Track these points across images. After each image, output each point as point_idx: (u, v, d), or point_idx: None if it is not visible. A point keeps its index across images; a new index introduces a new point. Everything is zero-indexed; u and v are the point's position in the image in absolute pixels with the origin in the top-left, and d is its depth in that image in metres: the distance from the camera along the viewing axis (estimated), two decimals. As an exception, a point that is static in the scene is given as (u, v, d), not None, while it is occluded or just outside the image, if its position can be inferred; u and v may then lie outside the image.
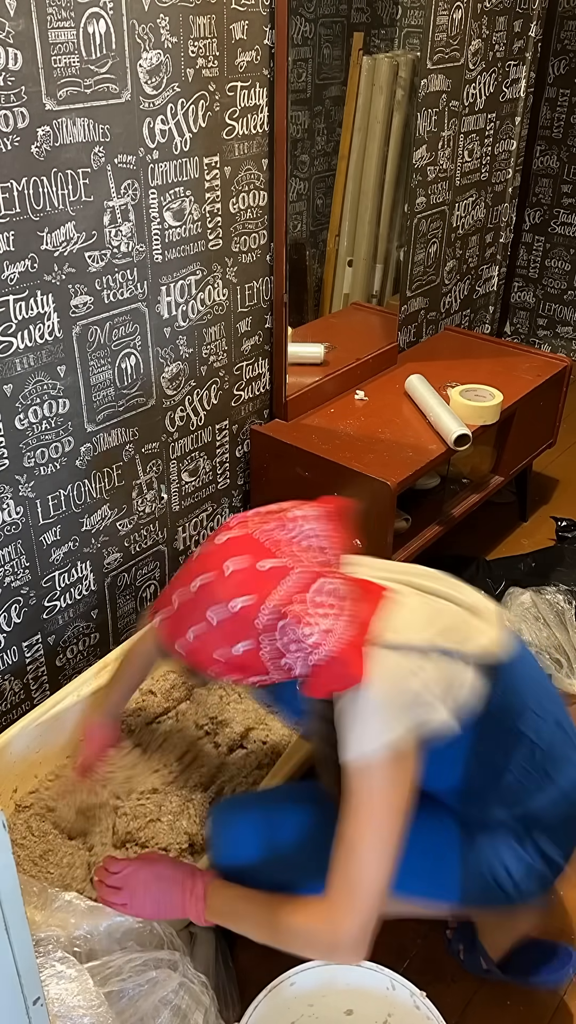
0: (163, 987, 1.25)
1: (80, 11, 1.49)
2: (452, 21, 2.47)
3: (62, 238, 1.59)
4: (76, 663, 1.98)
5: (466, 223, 2.94)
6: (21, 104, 1.45)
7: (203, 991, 1.29)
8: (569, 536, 2.66)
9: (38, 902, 1.32)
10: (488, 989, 1.55)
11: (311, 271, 2.41)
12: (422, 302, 2.87)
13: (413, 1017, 1.29)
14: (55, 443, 1.73)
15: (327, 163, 2.31)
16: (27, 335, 1.60)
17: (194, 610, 1.10)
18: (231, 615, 1.07)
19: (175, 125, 1.74)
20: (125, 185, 1.68)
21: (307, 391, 2.31)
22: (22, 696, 1.89)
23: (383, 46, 2.33)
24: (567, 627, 2.23)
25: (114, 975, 1.25)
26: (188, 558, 1.21)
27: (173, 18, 1.65)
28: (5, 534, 1.71)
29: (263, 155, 1.97)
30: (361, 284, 2.54)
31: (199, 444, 2.11)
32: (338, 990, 1.33)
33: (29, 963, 0.89)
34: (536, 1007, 1.53)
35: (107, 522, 1.93)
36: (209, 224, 1.90)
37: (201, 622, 1.09)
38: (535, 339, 3.69)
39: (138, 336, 1.83)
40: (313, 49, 2.13)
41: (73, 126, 1.54)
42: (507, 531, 2.75)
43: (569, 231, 3.45)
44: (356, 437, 2.20)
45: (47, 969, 1.18)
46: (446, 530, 2.34)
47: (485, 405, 2.28)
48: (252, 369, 2.19)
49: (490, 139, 2.89)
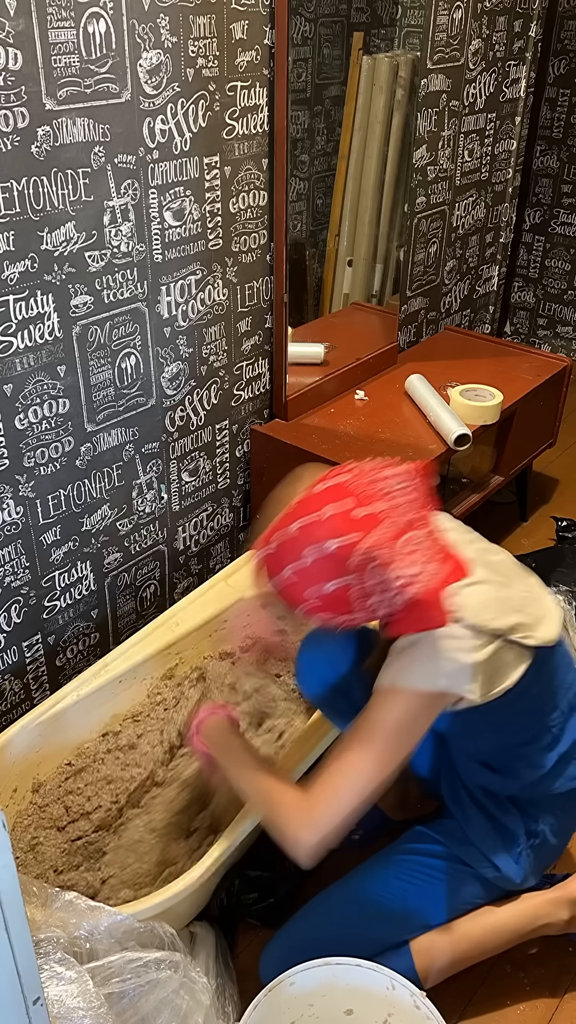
0: (163, 987, 1.25)
1: (80, 11, 1.49)
2: (452, 21, 2.47)
3: (62, 238, 1.59)
4: (76, 663, 1.98)
5: (466, 223, 2.94)
6: (21, 104, 1.45)
7: (203, 991, 1.29)
8: (569, 536, 2.66)
9: (39, 902, 1.32)
10: (488, 989, 1.55)
11: (311, 271, 2.41)
12: (422, 302, 2.87)
13: (413, 1017, 1.29)
14: (55, 443, 1.73)
15: (327, 163, 2.31)
16: (27, 335, 1.60)
17: (292, 549, 1.17)
18: (326, 555, 1.14)
19: (175, 125, 1.74)
20: (125, 185, 1.68)
21: (307, 391, 2.31)
22: (22, 696, 1.89)
23: (383, 46, 2.33)
24: (567, 628, 2.22)
25: (114, 975, 1.25)
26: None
27: (173, 18, 1.65)
28: (5, 534, 1.71)
29: (263, 155, 1.97)
30: (361, 284, 2.54)
31: (199, 444, 2.11)
32: (338, 990, 1.33)
33: (29, 963, 0.89)
34: (536, 1007, 1.53)
35: (107, 522, 1.93)
36: (209, 224, 1.90)
37: (298, 560, 1.17)
38: (535, 339, 3.69)
39: (138, 336, 1.83)
40: (313, 49, 2.13)
41: (73, 126, 1.54)
42: (507, 531, 2.75)
43: (569, 231, 3.45)
44: (356, 437, 2.20)
45: (46, 971, 1.18)
46: (446, 530, 2.34)
47: (485, 405, 2.28)
48: (252, 369, 2.19)
49: (490, 139, 2.89)
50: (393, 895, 1.46)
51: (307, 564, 1.16)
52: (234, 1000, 1.46)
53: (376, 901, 1.46)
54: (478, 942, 1.48)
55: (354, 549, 1.13)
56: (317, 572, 1.15)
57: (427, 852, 1.49)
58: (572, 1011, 1.52)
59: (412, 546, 1.15)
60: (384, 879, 1.48)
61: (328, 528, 1.14)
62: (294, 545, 1.17)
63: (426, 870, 1.47)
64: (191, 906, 1.51)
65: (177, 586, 2.22)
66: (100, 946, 1.30)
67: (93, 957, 1.28)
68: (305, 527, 1.16)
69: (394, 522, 1.15)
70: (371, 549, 1.13)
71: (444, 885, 1.46)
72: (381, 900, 1.46)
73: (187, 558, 2.22)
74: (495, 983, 1.55)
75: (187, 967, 1.30)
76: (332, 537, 1.14)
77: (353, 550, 1.13)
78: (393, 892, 1.46)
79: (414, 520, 1.18)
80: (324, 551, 1.14)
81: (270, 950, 1.46)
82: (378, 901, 1.45)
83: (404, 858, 1.50)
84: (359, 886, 1.48)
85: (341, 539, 1.13)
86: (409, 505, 1.18)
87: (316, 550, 1.15)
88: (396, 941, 1.45)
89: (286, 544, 1.18)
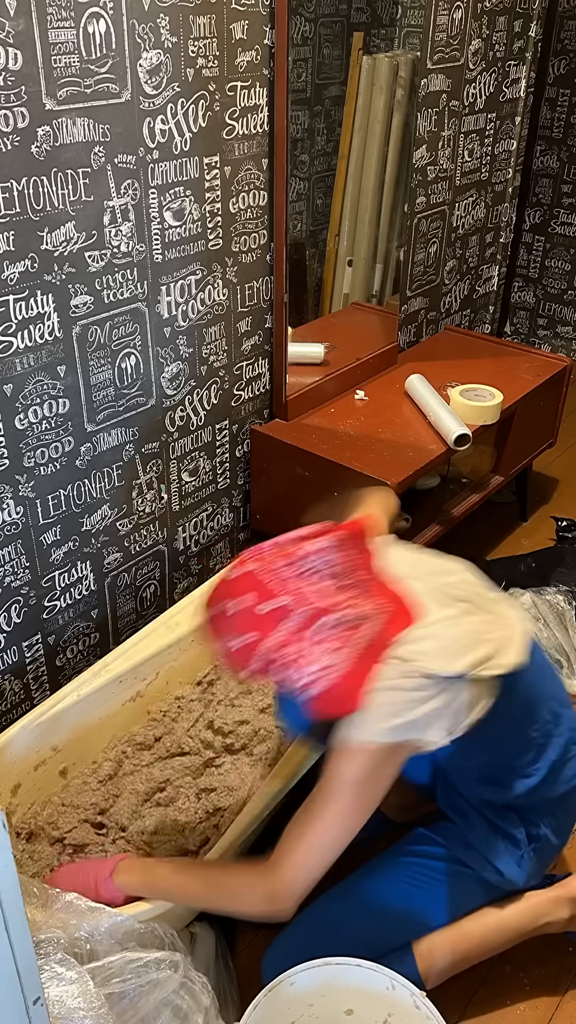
0: (163, 988, 1.25)
1: (80, 11, 1.49)
2: (452, 21, 2.47)
3: (62, 238, 1.59)
4: (76, 663, 1.98)
5: (466, 223, 2.94)
6: (21, 104, 1.45)
7: (203, 991, 1.29)
8: (569, 536, 2.66)
9: (39, 902, 1.32)
10: (488, 989, 1.55)
11: (311, 271, 2.41)
12: (422, 302, 2.87)
13: (413, 1017, 1.29)
14: (55, 443, 1.73)
15: (327, 163, 2.31)
16: (27, 335, 1.60)
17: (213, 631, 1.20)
18: (235, 649, 1.17)
19: (175, 125, 1.74)
20: (125, 185, 1.68)
21: (307, 391, 2.31)
22: (22, 696, 1.89)
23: (383, 46, 2.33)
24: (567, 628, 2.22)
25: (115, 976, 1.25)
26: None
27: (173, 18, 1.65)
28: (5, 534, 1.71)
29: (263, 155, 1.97)
30: (361, 284, 2.54)
31: (199, 444, 2.11)
32: (338, 990, 1.33)
33: (29, 963, 0.89)
34: (536, 1007, 1.53)
35: (107, 522, 1.93)
36: (209, 224, 1.90)
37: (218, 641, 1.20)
38: (535, 339, 3.69)
39: (138, 336, 1.83)
40: (313, 49, 2.13)
41: (73, 126, 1.54)
42: (507, 531, 2.75)
43: (569, 231, 3.45)
44: (356, 437, 2.20)
45: (46, 971, 1.18)
46: (446, 530, 2.34)
47: (485, 405, 2.28)
48: (252, 369, 2.19)
49: (490, 139, 2.89)
50: (395, 897, 1.46)
51: (224, 650, 1.18)
52: (234, 1000, 1.46)
53: (378, 903, 1.46)
54: (479, 941, 1.48)
55: (254, 651, 1.14)
56: (234, 658, 1.18)
57: (429, 854, 1.49)
58: (572, 1011, 1.52)
59: (327, 631, 1.14)
60: (386, 881, 1.48)
61: (230, 625, 1.16)
62: (212, 629, 1.19)
63: (428, 872, 1.47)
64: (191, 906, 1.51)
65: (177, 586, 2.22)
66: (100, 946, 1.30)
67: (93, 957, 1.28)
68: (214, 618, 1.18)
69: (304, 612, 1.14)
70: (271, 650, 1.14)
71: (446, 887, 1.46)
72: (383, 902, 1.46)
73: (187, 558, 2.22)
74: (495, 983, 1.55)
75: (187, 967, 1.30)
76: (234, 635, 1.15)
77: (254, 651, 1.14)
78: (395, 894, 1.46)
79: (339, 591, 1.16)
80: (232, 646, 1.16)
81: (273, 951, 1.46)
82: (380, 903, 1.45)
83: (406, 860, 1.50)
84: (361, 888, 1.48)
85: (241, 638, 1.15)
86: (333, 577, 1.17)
87: (228, 641, 1.17)
88: (399, 943, 1.45)
89: (210, 623, 1.20)
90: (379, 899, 1.46)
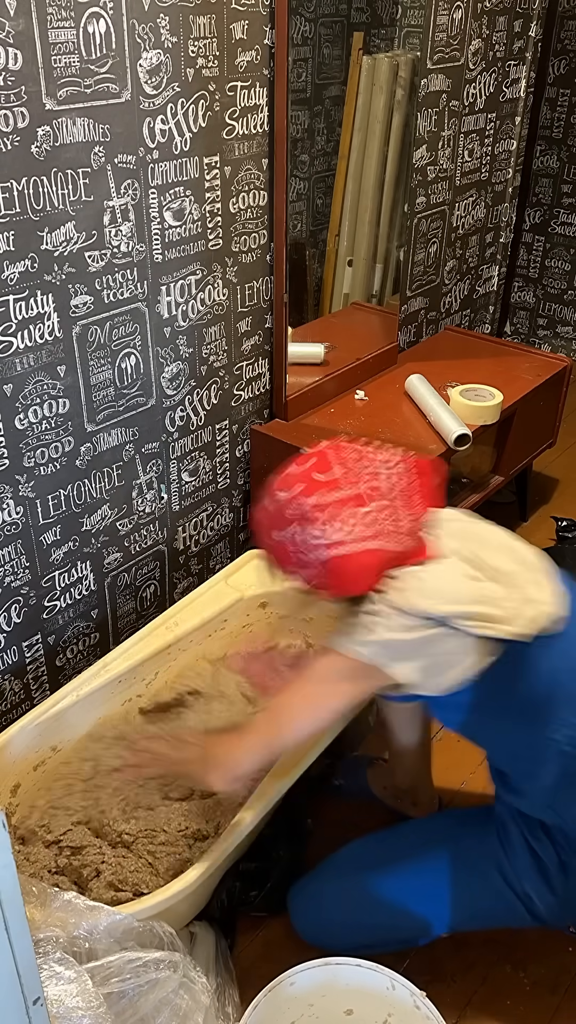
0: (163, 987, 1.25)
1: (80, 11, 1.49)
2: (452, 21, 2.47)
3: (62, 238, 1.59)
4: (76, 663, 1.98)
5: (466, 223, 2.94)
6: (21, 104, 1.45)
7: (203, 991, 1.29)
8: (569, 536, 2.66)
9: (37, 901, 1.32)
10: (488, 989, 1.55)
11: (311, 271, 2.41)
12: (422, 302, 2.87)
13: (413, 1017, 1.29)
14: (55, 443, 1.73)
15: (327, 163, 2.31)
16: (27, 335, 1.60)
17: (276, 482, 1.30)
18: (275, 504, 1.26)
19: (175, 125, 1.74)
20: (125, 185, 1.68)
21: (307, 391, 2.31)
22: (22, 696, 1.89)
23: (383, 46, 2.33)
24: None
25: (114, 975, 1.25)
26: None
27: (173, 18, 1.65)
28: (5, 534, 1.71)
29: (263, 155, 1.97)
30: (361, 284, 2.54)
31: (199, 444, 2.11)
32: (338, 990, 1.34)
33: (29, 963, 0.89)
34: (536, 1007, 1.53)
35: (107, 522, 1.93)
36: (209, 224, 1.90)
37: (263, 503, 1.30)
38: (535, 339, 3.69)
39: (138, 336, 1.83)
40: (313, 49, 2.13)
41: (73, 126, 1.54)
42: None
43: (569, 231, 3.45)
44: (356, 437, 2.20)
45: (45, 970, 1.18)
46: (446, 530, 2.34)
47: (485, 405, 2.28)
48: (252, 369, 2.19)
49: (490, 139, 2.89)
50: (421, 895, 1.45)
51: (267, 509, 1.28)
52: (234, 1000, 1.46)
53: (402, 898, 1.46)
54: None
55: (293, 501, 1.23)
56: (268, 519, 1.28)
57: (465, 857, 1.44)
58: (572, 1011, 1.52)
59: (357, 517, 1.20)
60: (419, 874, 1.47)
61: (283, 481, 1.27)
62: (274, 481, 1.30)
63: (463, 876, 1.43)
64: (191, 906, 1.51)
65: (177, 586, 2.22)
66: (99, 946, 1.29)
67: (92, 957, 1.28)
68: (281, 473, 1.29)
69: (349, 492, 1.21)
70: (308, 506, 1.21)
71: (475, 892, 1.43)
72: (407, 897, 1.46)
73: (187, 558, 2.22)
74: (495, 983, 1.55)
75: (187, 967, 1.30)
76: (282, 489, 1.26)
77: (292, 501, 1.23)
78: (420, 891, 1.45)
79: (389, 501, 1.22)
80: (276, 501, 1.26)
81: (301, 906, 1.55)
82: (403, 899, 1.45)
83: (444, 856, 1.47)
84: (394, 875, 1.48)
85: (287, 491, 1.25)
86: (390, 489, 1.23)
87: (272, 498, 1.27)
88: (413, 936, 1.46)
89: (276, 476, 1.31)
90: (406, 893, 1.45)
